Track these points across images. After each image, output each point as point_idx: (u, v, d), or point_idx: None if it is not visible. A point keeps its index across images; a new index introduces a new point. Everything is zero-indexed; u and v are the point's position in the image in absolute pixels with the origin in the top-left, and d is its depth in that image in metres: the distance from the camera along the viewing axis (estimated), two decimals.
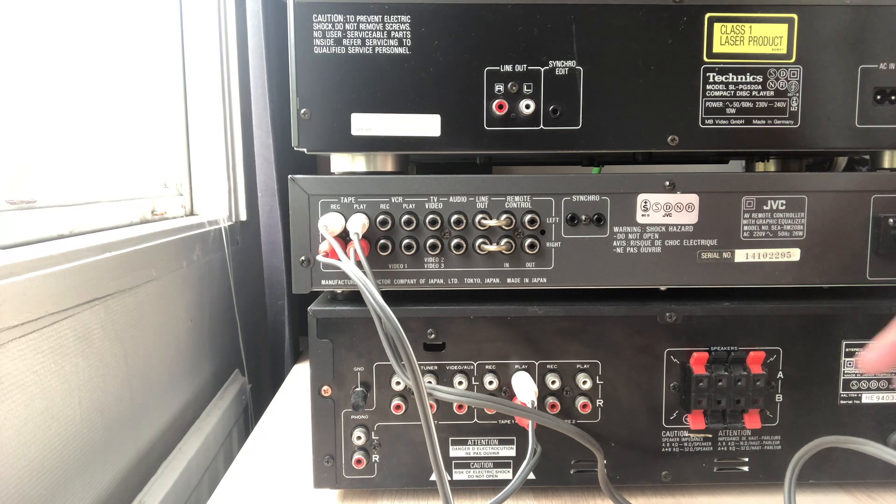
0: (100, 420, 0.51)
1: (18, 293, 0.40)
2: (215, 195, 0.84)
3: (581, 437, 0.41)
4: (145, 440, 0.59)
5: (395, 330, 0.36)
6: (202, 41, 0.81)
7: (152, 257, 0.60)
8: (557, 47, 0.45)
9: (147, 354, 0.60)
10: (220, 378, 0.82)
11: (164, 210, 0.74)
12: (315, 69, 0.44)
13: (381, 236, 0.45)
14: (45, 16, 0.56)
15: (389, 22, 0.44)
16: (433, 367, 0.47)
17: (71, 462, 0.46)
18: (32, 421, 0.42)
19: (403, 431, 0.47)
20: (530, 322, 0.46)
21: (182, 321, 0.69)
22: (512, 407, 0.42)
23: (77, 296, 0.47)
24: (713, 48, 0.45)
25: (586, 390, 0.47)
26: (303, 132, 0.45)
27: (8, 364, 0.39)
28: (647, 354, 0.47)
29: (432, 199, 0.45)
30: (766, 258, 0.46)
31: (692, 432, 0.47)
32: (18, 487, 0.40)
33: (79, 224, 0.55)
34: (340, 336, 0.46)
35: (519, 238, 0.45)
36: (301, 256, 0.45)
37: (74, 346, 0.47)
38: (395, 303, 0.43)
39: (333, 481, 0.47)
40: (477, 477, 0.48)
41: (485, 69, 0.45)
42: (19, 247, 0.45)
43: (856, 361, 0.46)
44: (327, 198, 0.45)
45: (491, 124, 0.45)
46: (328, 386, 0.47)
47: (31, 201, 0.50)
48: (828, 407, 0.47)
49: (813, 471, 0.48)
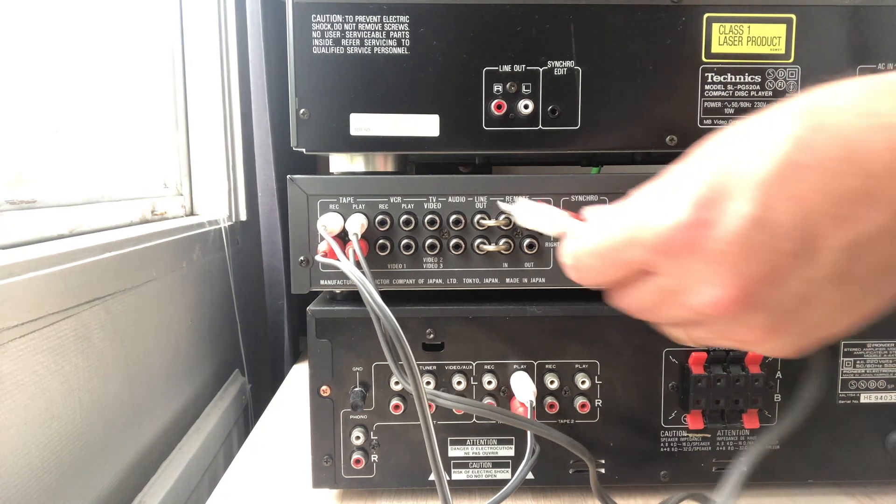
0: (100, 420, 0.51)
1: (18, 293, 0.40)
2: (215, 195, 0.84)
3: (573, 446, 0.42)
4: (145, 440, 0.59)
5: (394, 330, 0.36)
6: (202, 41, 0.81)
7: (152, 257, 0.60)
8: (556, 47, 0.45)
9: (147, 354, 0.60)
10: (220, 378, 0.82)
11: (165, 210, 0.74)
12: (314, 69, 0.44)
13: (380, 236, 0.45)
14: (46, 16, 0.56)
15: (388, 22, 0.44)
16: (432, 367, 0.47)
17: (71, 462, 0.46)
18: (32, 421, 0.42)
19: (402, 431, 0.47)
20: (529, 322, 0.46)
21: (182, 321, 0.69)
22: (508, 416, 0.42)
23: (77, 296, 0.47)
24: (711, 48, 0.45)
25: (585, 390, 0.47)
26: (302, 132, 0.45)
27: (8, 364, 0.40)
28: (646, 354, 0.47)
29: (431, 199, 0.45)
30: None
31: (691, 432, 0.48)
32: (18, 487, 0.40)
33: (79, 224, 0.55)
34: (339, 336, 0.46)
35: (518, 238, 0.45)
36: (300, 256, 0.45)
37: (74, 346, 0.47)
38: (394, 303, 0.43)
39: (332, 481, 0.48)
40: (476, 477, 0.48)
41: (483, 69, 0.45)
42: (19, 247, 0.46)
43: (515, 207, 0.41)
44: (326, 198, 0.45)
45: (490, 124, 0.45)
46: (327, 386, 0.47)
47: (31, 201, 0.50)
48: (826, 407, 0.47)
49: (813, 471, 0.48)
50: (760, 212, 0.25)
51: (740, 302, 0.26)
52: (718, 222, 0.26)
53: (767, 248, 0.25)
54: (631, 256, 0.29)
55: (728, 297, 0.26)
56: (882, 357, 0.47)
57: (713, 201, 0.26)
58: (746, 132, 0.27)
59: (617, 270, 0.30)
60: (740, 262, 0.26)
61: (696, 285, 0.27)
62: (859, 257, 0.25)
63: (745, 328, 0.28)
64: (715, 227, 0.26)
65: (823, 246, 0.25)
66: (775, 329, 0.27)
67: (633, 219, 0.28)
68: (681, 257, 0.27)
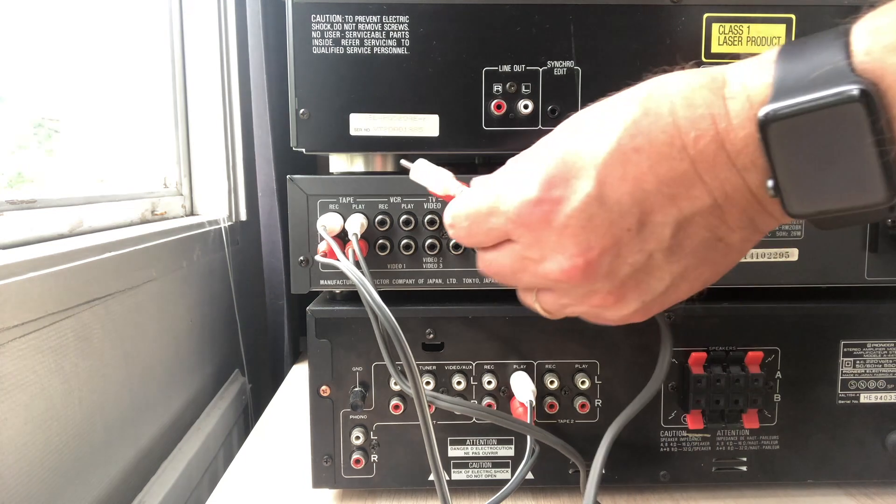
0: (100, 420, 0.51)
1: (18, 293, 0.40)
2: (215, 195, 0.84)
3: (565, 449, 0.42)
4: (145, 440, 0.59)
5: (394, 330, 0.36)
6: (202, 41, 0.81)
7: (152, 257, 0.60)
8: (556, 47, 0.45)
9: (147, 354, 0.60)
10: (220, 378, 0.82)
11: (165, 210, 0.75)
12: (314, 69, 0.44)
13: (380, 236, 0.45)
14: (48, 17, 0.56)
15: (388, 22, 0.44)
16: (432, 367, 0.47)
17: (71, 462, 0.46)
18: (32, 421, 0.42)
19: (402, 431, 0.47)
20: (529, 322, 0.46)
21: (182, 321, 0.69)
22: (502, 418, 0.42)
23: (77, 296, 0.47)
24: (711, 48, 0.45)
25: (585, 390, 0.47)
26: (301, 132, 0.45)
27: (8, 364, 0.40)
28: (646, 354, 0.47)
29: (431, 199, 0.45)
30: (764, 258, 0.46)
31: (690, 432, 0.48)
32: (18, 487, 0.40)
33: (79, 224, 0.55)
34: (339, 336, 0.46)
35: None
36: (300, 256, 0.45)
37: (74, 346, 0.47)
38: (394, 303, 0.43)
39: (332, 481, 0.48)
40: (475, 477, 0.48)
41: (483, 69, 0.45)
42: (19, 247, 0.46)
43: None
44: (326, 198, 0.45)
45: (489, 124, 0.45)
46: (327, 386, 0.47)
47: (31, 201, 0.50)
48: (826, 407, 0.47)
49: (813, 471, 0.48)
50: (599, 190, 0.28)
51: (585, 270, 0.29)
52: (566, 199, 0.29)
53: (607, 223, 0.28)
54: (495, 224, 0.32)
55: (574, 265, 0.29)
56: (882, 357, 0.47)
57: (562, 180, 0.29)
58: (593, 115, 0.30)
59: (485, 234, 0.33)
60: (584, 235, 0.29)
61: (548, 254, 0.30)
62: (687, 231, 0.28)
63: (593, 294, 0.31)
64: (563, 203, 0.29)
65: (655, 221, 0.28)
66: (619, 295, 0.31)
67: (501, 188, 0.32)
68: (535, 229, 0.30)
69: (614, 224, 0.28)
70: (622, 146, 0.28)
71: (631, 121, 0.28)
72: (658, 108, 0.28)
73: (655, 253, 0.29)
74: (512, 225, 0.31)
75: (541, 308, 0.34)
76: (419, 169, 0.39)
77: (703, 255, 0.29)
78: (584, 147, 0.29)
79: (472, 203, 0.33)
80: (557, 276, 0.30)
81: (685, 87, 0.28)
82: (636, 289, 0.30)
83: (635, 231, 0.28)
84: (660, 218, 0.28)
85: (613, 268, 0.29)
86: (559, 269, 0.30)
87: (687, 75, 0.29)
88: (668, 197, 0.28)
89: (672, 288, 0.30)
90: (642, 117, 0.28)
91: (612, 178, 0.28)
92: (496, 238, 0.33)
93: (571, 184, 0.29)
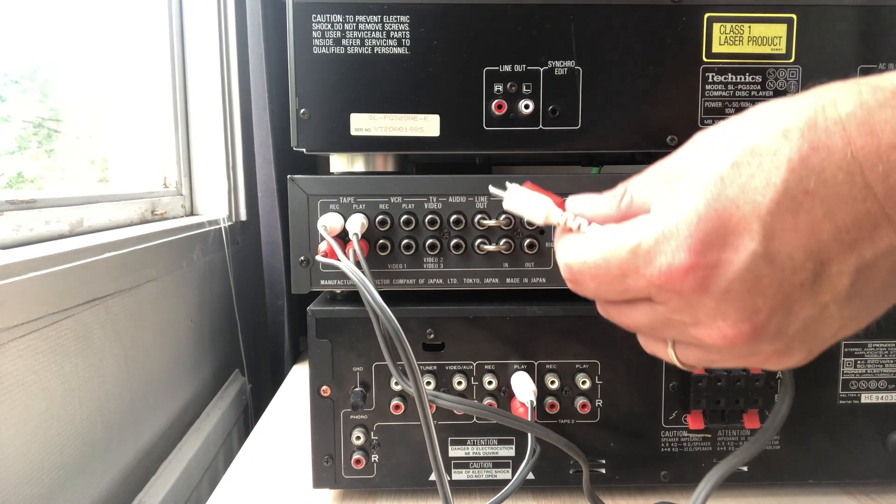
0: (100, 420, 0.51)
1: (18, 293, 0.40)
2: (215, 195, 0.84)
3: (568, 447, 0.42)
4: (145, 440, 0.59)
5: (395, 330, 0.36)
6: (203, 41, 0.81)
7: (152, 257, 0.60)
8: (556, 47, 0.45)
9: (147, 354, 0.60)
10: (220, 378, 0.82)
11: (165, 210, 0.74)
12: (314, 69, 0.44)
13: (381, 236, 0.45)
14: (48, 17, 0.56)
15: (388, 22, 0.44)
16: (432, 367, 0.47)
17: (71, 462, 0.46)
18: (32, 421, 0.42)
19: (403, 431, 0.47)
20: (529, 322, 0.46)
21: (182, 321, 0.69)
22: (504, 417, 0.42)
23: (77, 296, 0.47)
24: (712, 48, 0.45)
25: (585, 390, 0.47)
26: (302, 132, 0.45)
27: (8, 364, 0.39)
28: (646, 354, 0.47)
29: (431, 199, 0.45)
30: None
31: (691, 432, 0.47)
32: (18, 487, 0.40)
33: (79, 224, 0.55)
34: (340, 336, 0.46)
35: (518, 238, 0.45)
36: (300, 256, 0.45)
37: (74, 346, 0.47)
38: (395, 303, 0.43)
39: (332, 481, 0.47)
40: (476, 477, 0.48)
41: (484, 69, 0.45)
42: (20, 247, 0.46)
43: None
44: (326, 198, 0.45)
45: (490, 124, 0.45)
46: (327, 386, 0.47)
47: (31, 201, 0.50)
48: (827, 407, 0.47)
49: (813, 471, 0.48)
50: (766, 246, 0.24)
51: (751, 335, 0.26)
52: (725, 262, 0.25)
53: (777, 282, 0.25)
54: (632, 286, 0.27)
55: (739, 332, 0.26)
56: (883, 357, 0.47)
57: (718, 238, 0.25)
58: (741, 149, 0.25)
59: (618, 295, 0.29)
60: (750, 298, 0.25)
61: (704, 319, 0.26)
62: (867, 277, 0.25)
63: (754, 355, 0.27)
64: (721, 266, 0.25)
65: (832, 272, 0.25)
66: (785, 352, 0.27)
67: (635, 239, 0.27)
68: (687, 296, 0.26)
69: (785, 282, 0.24)
70: (790, 191, 0.23)
71: (798, 158, 0.23)
72: (829, 140, 0.23)
73: (830, 305, 0.25)
74: (655, 290, 0.27)
75: (678, 361, 0.30)
76: (514, 197, 0.33)
77: (882, 295, 0.26)
78: (740, 195, 0.24)
79: (600, 255, 0.28)
80: (716, 341, 0.26)
81: (859, 109, 0.23)
82: (804, 341, 0.27)
83: (808, 285, 0.25)
84: (836, 268, 0.24)
85: (783, 327, 0.26)
86: (720, 336, 0.26)
87: (856, 91, 0.24)
88: (846, 244, 0.24)
89: (842, 331, 0.27)
90: (811, 153, 0.23)
91: (780, 231, 0.24)
92: (632, 297, 0.28)
93: (731, 242, 0.24)
